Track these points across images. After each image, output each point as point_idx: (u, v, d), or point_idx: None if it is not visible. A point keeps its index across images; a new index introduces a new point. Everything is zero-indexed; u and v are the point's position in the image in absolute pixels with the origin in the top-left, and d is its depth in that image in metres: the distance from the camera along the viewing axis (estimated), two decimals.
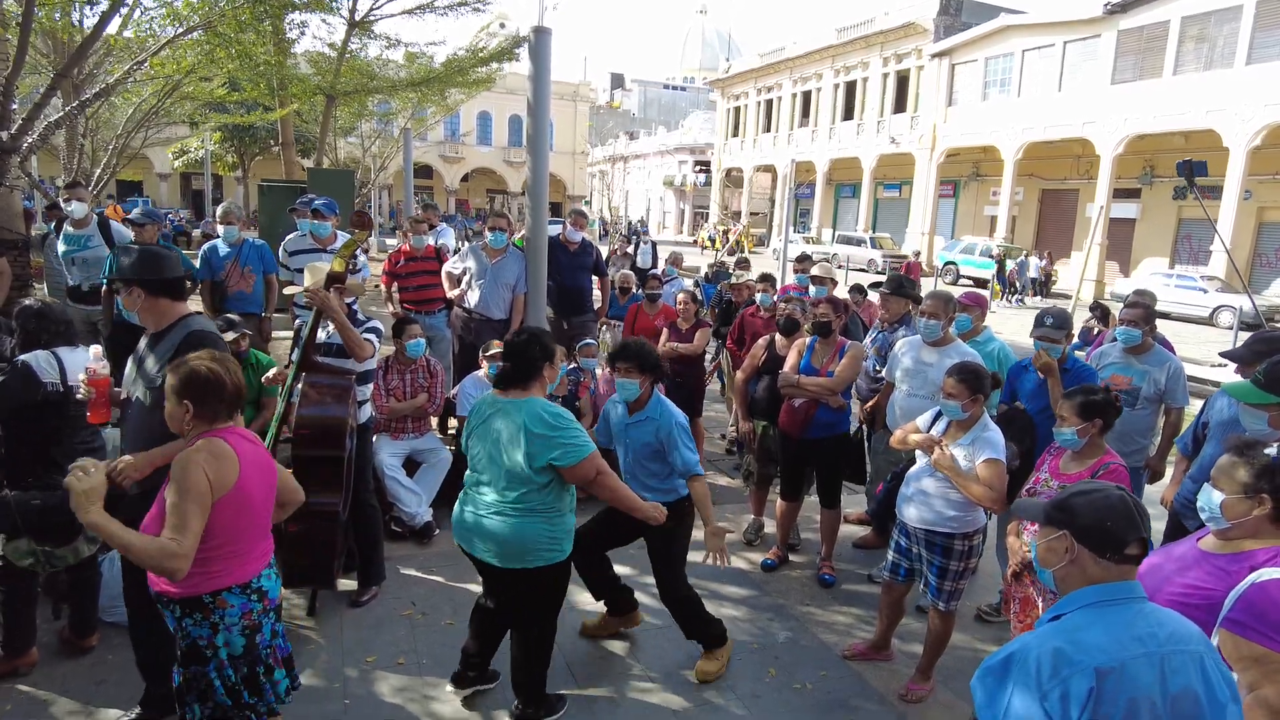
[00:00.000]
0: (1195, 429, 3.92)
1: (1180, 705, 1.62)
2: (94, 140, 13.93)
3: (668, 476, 3.62)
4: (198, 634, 2.37)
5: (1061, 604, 1.77)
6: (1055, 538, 1.78)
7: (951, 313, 4.44)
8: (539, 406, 2.96)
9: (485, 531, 2.99)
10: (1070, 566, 1.76)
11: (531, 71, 5.29)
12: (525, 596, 3.10)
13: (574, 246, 6.50)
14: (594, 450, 3.00)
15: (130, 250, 2.93)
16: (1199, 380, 9.20)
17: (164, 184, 40.00)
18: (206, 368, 2.35)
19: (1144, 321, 4.40)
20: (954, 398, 3.42)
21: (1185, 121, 21.65)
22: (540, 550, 2.99)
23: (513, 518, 2.95)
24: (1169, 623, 1.71)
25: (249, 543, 2.40)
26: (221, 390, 2.35)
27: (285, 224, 8.72)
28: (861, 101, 33.98)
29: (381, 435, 5.04)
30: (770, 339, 5.08)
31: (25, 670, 3.35)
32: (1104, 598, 1.71)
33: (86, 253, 6.01)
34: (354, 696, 3.36)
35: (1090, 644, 1.62)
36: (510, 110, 48.08)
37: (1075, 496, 1.79)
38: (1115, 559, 1.72)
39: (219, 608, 2.35)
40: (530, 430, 2.90)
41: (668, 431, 3.52)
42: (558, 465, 2.92)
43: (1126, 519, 1.72)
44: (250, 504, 2.36)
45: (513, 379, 3.04)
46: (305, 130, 22.37)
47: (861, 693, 3.62)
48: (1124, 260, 25.56)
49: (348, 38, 14.72)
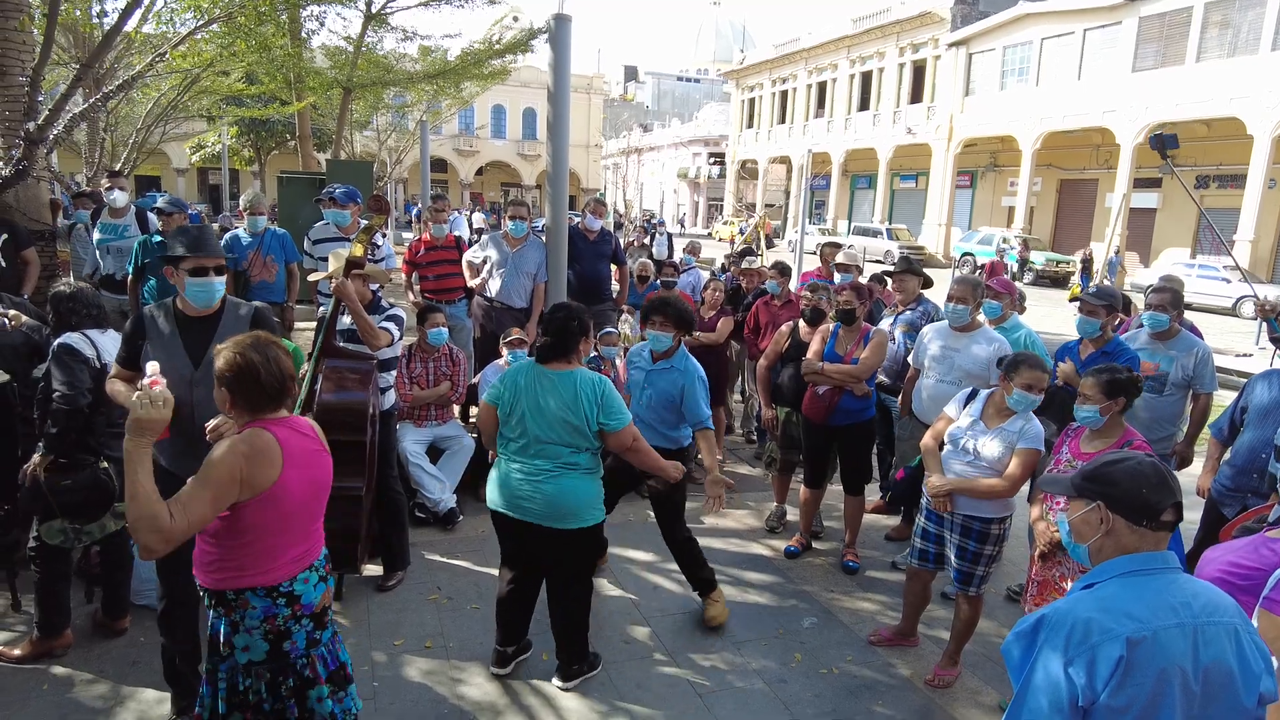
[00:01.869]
0: (1232, 414, 3.87)
1: (1212, 677, 1.60)
2: (113, 136, 14.06)
3: (676, 425, 3.92)
4: (217, 628, 2.27)
5: (1095, 573, 1.74)
6: (1089, 510, 1.75)
7: (979, 298, 4.41)
8: (588, 375, 3.20)
9: (537, 495, 3.17)
10: (1105, 538, 1.73)
11: (551, 59, 5.29)
12: (570, 556, 3.31)
13: (593, 235, 6.50)
14: (631, 420, 3.26)
15: (189, 230, 2.92)
16: (1224, 370, 9.08)
17: (181, 179, 40.27)
18: (244, 356, 2.17)
19: (1172, 306, 4.35)
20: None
21: (1208, 109, 21.37)
22: (587, 510, 3.24)
23: (565, 480, 3.17)
24: (1204, 593, 1.69)
25: (282, 544, 2.23)
26: (256, 379, 2.16)
27: (304, 215, 8.79)
28: (877, 92, 33.75)
29: (405, 423, 5.08)
30: (794, 325, 5.07)
31: (61, 652, 3.40)
32: (1138, 567, 1.69)
33: (122, 242, 6.11)
34: (382, 679, 3.39)
35: (1123, 612, 1.60)
36: (524, 103, 48.06)
37: (1106, 466, 1.76)
38: (1151, 526, 1.70)
39: (240, 607, 2.20)
40: (583, 397, 3.14)
41: (690, 382, 3.80)
42: (606, 430, 3.17)
43: (1161, 484, 1.70)
44: (288, 503, 2.19)
45: (554, 352, 3.23)
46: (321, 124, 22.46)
47: (888, 677, 3.61)
48: (1144, 251, 25.28)
49: (364, 30, 14.75)
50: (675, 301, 3.90)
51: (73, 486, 3.26)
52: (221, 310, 2.93)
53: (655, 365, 3.94)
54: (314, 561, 2.35)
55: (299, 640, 2.28)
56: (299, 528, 2.27)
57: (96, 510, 3.35)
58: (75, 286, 3.54)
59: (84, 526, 3.33)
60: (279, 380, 2.21)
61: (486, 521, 5.04)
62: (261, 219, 6.29)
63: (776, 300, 6.16)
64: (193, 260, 2.78)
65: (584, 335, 3.30)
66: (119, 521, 3.44)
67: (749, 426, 7.01)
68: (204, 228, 2.90)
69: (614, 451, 3.30)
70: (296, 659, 2.29)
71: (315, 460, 2.30)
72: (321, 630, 2.36)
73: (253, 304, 3.08)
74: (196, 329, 2.87)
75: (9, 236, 5.27)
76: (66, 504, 3.27)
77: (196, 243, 2.80)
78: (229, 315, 2.94)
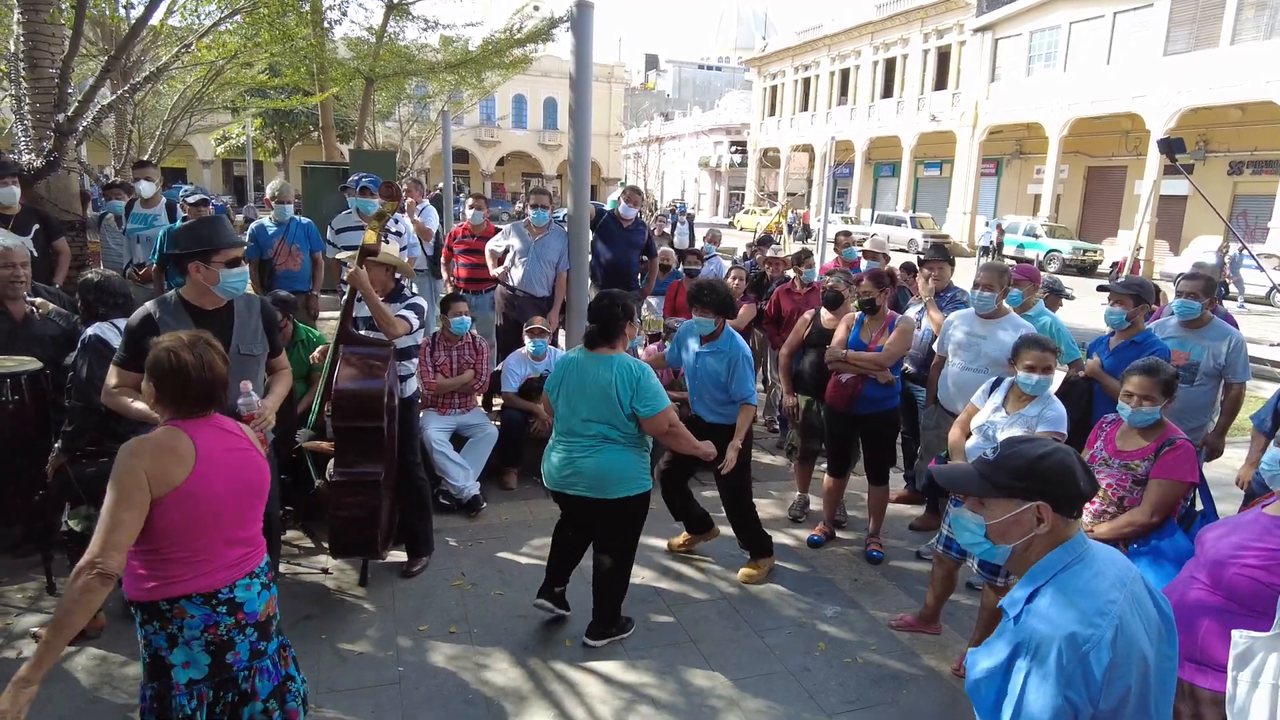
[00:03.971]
0: (1276, 405, 3.78)
1: (1151, 633, 1.56)
2: (140, 128, 14.23)
3: (728, 403, 4.13)
4: (157, 644, 2.13)
5: (1033, 576, 1.63)
6: (1022, 510, 1.63)
7: (1006, 285, 4.34)
8: (627, 362, 3.43)
9: (582, 469, 3.44)
10: (1039, 536, 1.63)
11: (574, 46, 5.27)
12: (614, 525, 3.56)
13: (628, 223, 6.46)
14: (669, 405, 3.47)
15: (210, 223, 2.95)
16: (1258, 360, 8.91)
17: (206, 170, 40.72)
18: (178, 356, 2.10)
19: (1204, 294, 4.25)
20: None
21: (1242, 93, 20.87)
22: (628, 480, 3.46)
23: (605, 452, 3.42)
24: (1112, 555, 1.66)
25: (211, 548, 2.14)
26: (186, 380, 2.09)
27: (328, 204, 8.84)
28: (901, 78, 33.34)
29: (429, 411, 5.11)
30: (815, 313, 5.03)
31: (94, 633, 3.46)
32: (1071, 557, 1.61)
33: (151, 231, 6.20)
34: (407, 664, 3.42)
35: (1095, 611, 1.52)
36: (545, 93, 48.04)
37: (1035, 462, 1.63)
38: (1078, 514, 1.65)
39: (177, 617, 2.10)
40: (620, 382, 3.37)
41: (736, 361, 4.05)
42: (640, 416, 3.41)
43: (1085, 472, 1.65)
44: (207, 505, 2.10)
45: (600, 338, 3.47)
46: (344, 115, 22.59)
47: (911, 666, 3.59)
48: (1174, 239, 24.78)
49: (385, 20, 14.81)
50: (711, 288, 4.10)
51: (97, 474, 3.31)
52: (231, 303, 2.95)
53: (703, 348, 4.17)
54: (255, 567, 2.26)
55: (242, 651, 2.20)
56: (228, 531, 2.18)
57: None
58: (103, 275, 3.59)
59: None
60: (209, 384, 2.14)
61: (510, 509, 5.10)
62: (288, 208, 6.34)
63: (800, 288, 6.12)
64: (226, 252, 2.80)
65: (628, 321, 3.51)
66: None
67: (771, 415, 6.98)
68: (219, 219, 2.92)
69: (649, 434, 3.50)
70: (239, 671, 2.21)
71: (242, 460, 2.22)
72: (266, 641, 2.28)
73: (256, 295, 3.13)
74: (213, 322, 2.88)
75: (40, 227, 5.35)
76: (91, 491, 3.33)
77: (222, 234, 2.82)
78: (240, 304, 2.96)
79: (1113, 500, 3.06)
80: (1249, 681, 2.00)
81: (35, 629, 3.48)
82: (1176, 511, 2.96)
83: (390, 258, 3.97)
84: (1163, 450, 2.98)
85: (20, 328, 3.81)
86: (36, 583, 3.86)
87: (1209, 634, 2.21)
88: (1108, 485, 3.07)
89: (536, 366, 5.57)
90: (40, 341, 3.83)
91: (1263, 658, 1.99)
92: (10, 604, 3.73)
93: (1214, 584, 2.24)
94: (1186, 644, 2.28)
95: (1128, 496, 3.02)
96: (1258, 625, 2.07)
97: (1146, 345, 4.06)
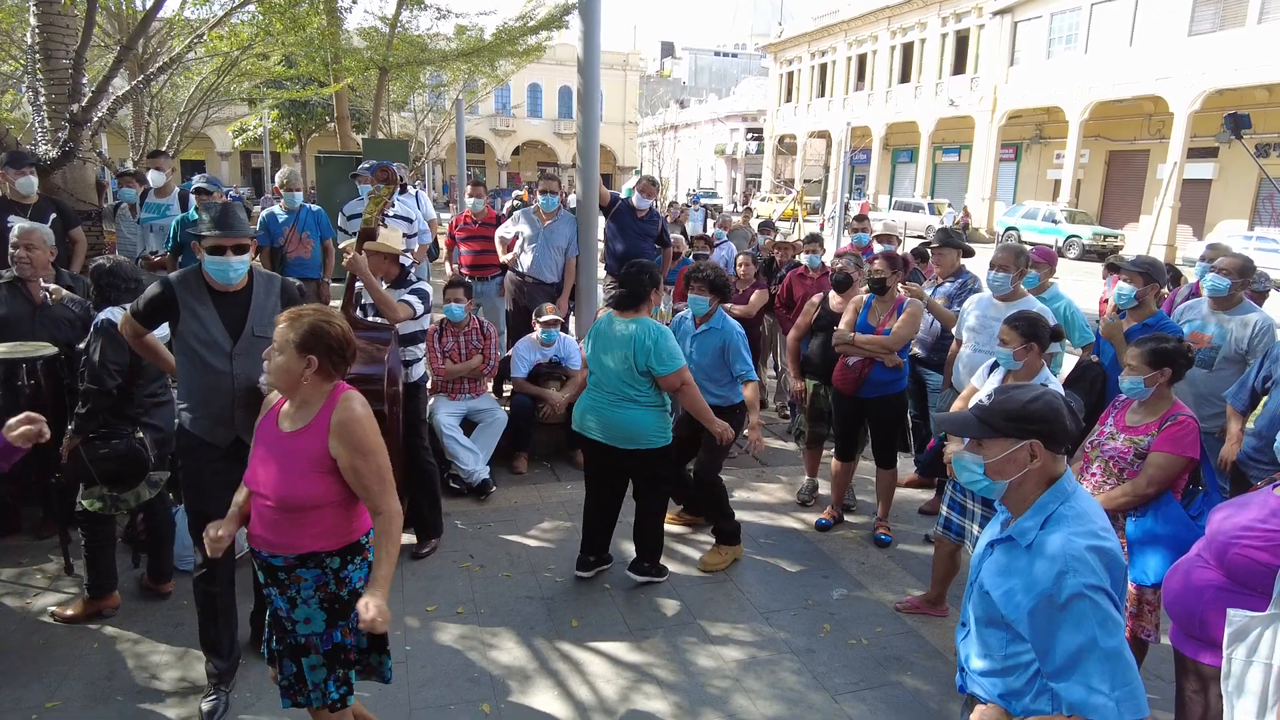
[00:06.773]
0: (1252, 382, 3.72)
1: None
2: (158, 120, 14.35)
3: (727, 383, 4.26)
4: (358, 577, 2.33)
5: (1041, 509, 1.83)
6: (1017, 449, 1.83)
7: (1022, 267, 4.26)
8: (648, 324, 3.72)
9: (607, 419, 3.78)
10: (1032, 472, 1.83)
11: (581, 28, 5.26)
12: (642, 473, 3.88)
13: (642, 213, 6.42)
14: (684, 365, 3.75)
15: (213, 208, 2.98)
16: None
17: (225, 162, 41.01)
18: (336, 326, 2.26)
19: (1237, 274, 4.11)
20: (1006, 344, 3.38)
21: (1270, 74, 20.40)
22: (646, 435, 3.76)
23: (623, 409, 3.75)
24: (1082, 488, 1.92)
25: None
26: (345, 349, 2.27)
27: (341, 193, 8.89)
28: (919, 63, 32.95)
29: (439, 396, 5.14)
30: (823, 297, 5.00)
31: (109, 612, 3.54)
32: (1070, 489, 1.84)
33: (164, 220, 6.26)
34: (415, 644, 3.46)
35: (1099, 529, 1.77)
36: (560, 82, 47.82)
37: (1026, 405, 1.83)
38: (1067, 451, 1.89)
39: (370, 544, 2.33)
40: (640, 342, 3.66)
41: (731, 338, 4.19)
42: (655, 373, 3.67)
43: (1071, 411, 1.86)
44: None
45: (627, 302, 3.78)
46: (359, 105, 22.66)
47: (917, 648, 3.59)
48: (1198, 224, 24.38)
49: (399, 10, 14.81)
50: (708, 269, 4.27)
51: (110, 455, 3.36)
52: (251, 284, 2.98)
53: (698, 330, 4.32)
54: None
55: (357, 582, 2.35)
56: None
57: (132, 479, 3.44)
58: (114, 260, 3.63)
59: (120, 495, 3.44)
60: (351, 345, 2.32)
61: (519, 492, 5.14)
62: (298, 195, 6.39)
63: (811, 273, 6.09)
64: (211, 239, 2.82)
65: (655, 287, 3.81)
66: (153, 490, 3.54)
67: (782, 401, 6.96)
68: (229, 206, 2.94)
69: (664, 390, 3.75)
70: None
71: None
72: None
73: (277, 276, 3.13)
74: (230, 303, 2.92)
75: (57, 216, 5.42)
76: (104, 472, 3.38)
77: (217, 221, 2.85)
78: (259, 288, 2.99)
79: (1114, 472, 3.05)
80: (1243, 659, 1.99)
81: (54, 608, 3.55)
82: (1178, 489, 2.94)
83: (385, 245, 3.98)
84: (1166, 425, 2.98)
85: (38, 310, 3.88)
86: (55, 563, 3.94)
87: (1214, 613, 2.20)
88: (1111, 458, 3.06)
89: (546, 353, 5.59)
90: (58, 324, 3.90)
91: (1258, 635, 1.98)
92: (31, 584, 3.81)
93: (1218, 563, 2.23)
94: (1192, 622, 2.28)
95: (1128, 469, 3.00)
96: (1259, 605, 2.06)
97: (1158, 328, 4.00)
